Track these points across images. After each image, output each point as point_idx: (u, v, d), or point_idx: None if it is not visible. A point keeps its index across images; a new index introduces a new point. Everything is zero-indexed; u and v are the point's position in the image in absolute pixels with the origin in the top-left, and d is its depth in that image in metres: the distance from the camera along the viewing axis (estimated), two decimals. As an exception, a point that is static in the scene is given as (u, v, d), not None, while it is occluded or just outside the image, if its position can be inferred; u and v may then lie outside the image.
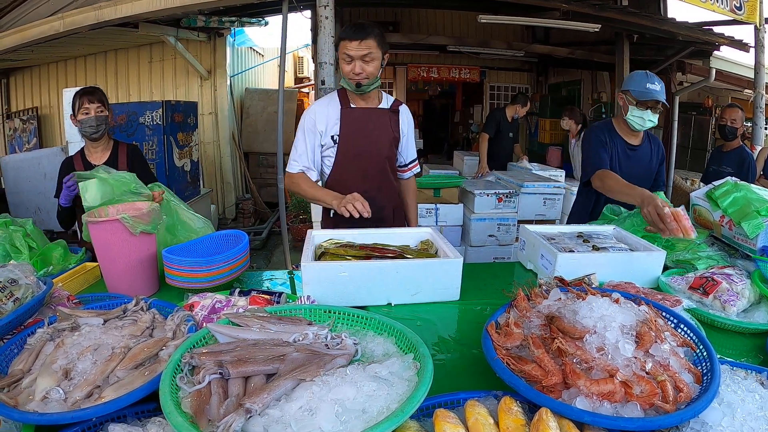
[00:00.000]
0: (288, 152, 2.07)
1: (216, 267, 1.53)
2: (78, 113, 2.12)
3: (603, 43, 6.10)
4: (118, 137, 2.35)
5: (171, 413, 0.76)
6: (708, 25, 5.10)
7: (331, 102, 1.91)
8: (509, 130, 5.13)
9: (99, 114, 2.13)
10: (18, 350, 1.06)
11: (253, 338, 1.01)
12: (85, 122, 2.11)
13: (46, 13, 4.51)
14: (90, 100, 2.12)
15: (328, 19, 2.83)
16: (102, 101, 2.16)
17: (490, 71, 8.55)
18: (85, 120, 2.11)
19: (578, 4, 4.31)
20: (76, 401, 0.87)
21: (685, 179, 6.21)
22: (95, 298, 1.43)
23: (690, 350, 1.03)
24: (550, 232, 1.92)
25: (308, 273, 1.40)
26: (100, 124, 2.14)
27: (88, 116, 2.11)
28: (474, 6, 5.47)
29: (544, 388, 0.89)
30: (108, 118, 2.18)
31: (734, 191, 1.70)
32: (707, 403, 0.84)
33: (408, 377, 0.89)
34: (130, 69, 6.23)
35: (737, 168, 3.42)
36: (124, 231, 1.50)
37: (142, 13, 4.15)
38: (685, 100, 6.59)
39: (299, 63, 12.19)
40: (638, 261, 1.63)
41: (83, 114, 2.11)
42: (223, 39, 6.24)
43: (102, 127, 2.15)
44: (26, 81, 6.54)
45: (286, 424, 0.76)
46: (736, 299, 1.40)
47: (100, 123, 2.14)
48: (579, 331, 0.99)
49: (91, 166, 2.21)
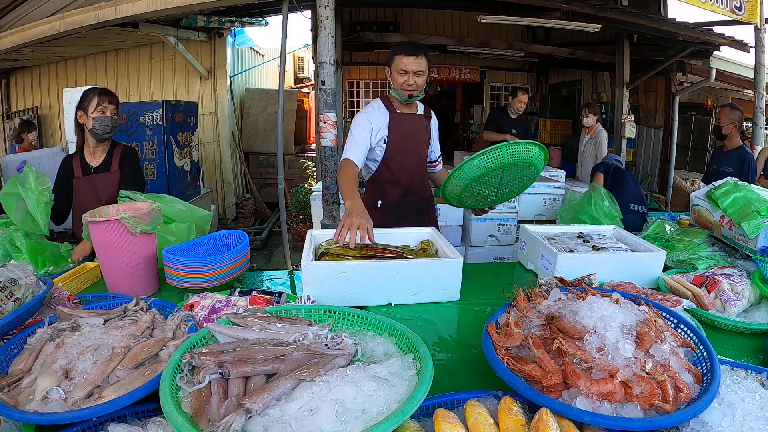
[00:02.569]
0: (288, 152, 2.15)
1: (216, 267, 1.53)
2: (93, 110, 2.09)
3: (603, 43, 6.09)
4: (118, 137, 2.35)
5: (171, 413, 0.76)
6: (708, 25, 5.09)
7: (380, 107, 2.17)
8: (513, 127, 5.08)
9: (114, 116, 2.14)
10: (18, 350, 1.06)
11: (253, 338, 1.01)
12: (100, 120, 2.10)
13: (47, 12, 4.51)
14: (110, 101, 2.13)
15: (329, 19, 2.83)
16: (117, 105, 2.17)
17: (490, 71, 8.54)
18: (101, 118, 2.10)
19: (578, 4, 4.31)
20: (77, 401, 0.87)
21: (685, 179, 6.21)
22: (95, 298, 1.43)
23: (690, 350, 1.03)
24: (550, 233, 1.92)
25: (308, 273, 1.40)
26: (114, 126, 2.15)
27: (104, 115, 2.10)
28: (474, 6, 5.47)
29: (544, 388, 0.89)
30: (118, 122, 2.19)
31: (734, 191, 1.70)
32: (707, 404, 0.84)
33: (408, 377, 0.89)
34: (130, 69, 6.23)
35: (737, 168, 3.41)
36: (124, 231, 1.50)
37: (142, 13, 4.15)
38: (685, 100, 6.58)
39: (299, 63, 12.20)
40: (638, 261, 1.63)
41: (100, 112, 2.09)
42: (224, 39, 6.24)
43: (115, 128, 2.16)
44: (26, 81, 6.54)
45: (286, 424, 0.76)
46: (737, 299, 1.40)
47: (114, 124, 2.15)
48: (579, 332, 0.99)
49: (89, 166, 2.21)
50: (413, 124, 2.20)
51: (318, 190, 3.37)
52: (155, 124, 4.90)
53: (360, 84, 8.10)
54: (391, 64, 2.06)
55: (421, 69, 2.01)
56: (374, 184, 2.23)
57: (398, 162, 2.18)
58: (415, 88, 2.05)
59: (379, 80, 8.06)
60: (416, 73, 2.01)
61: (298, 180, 6.98)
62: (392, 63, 2.05)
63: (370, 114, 2.14)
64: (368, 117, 2.12)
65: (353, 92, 8.13)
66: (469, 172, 1.70)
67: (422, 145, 2.24)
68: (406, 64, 1.99)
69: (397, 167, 2.19)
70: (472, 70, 8.33)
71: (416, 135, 2.20)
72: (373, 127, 2.10)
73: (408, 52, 1.99)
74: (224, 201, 6.76)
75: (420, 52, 2.00)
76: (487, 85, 8.67)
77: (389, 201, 2.22)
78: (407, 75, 2.01)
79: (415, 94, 2.07)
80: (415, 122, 2.21)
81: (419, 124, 2.22)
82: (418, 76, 2.02)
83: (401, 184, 2.21)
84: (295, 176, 7.15)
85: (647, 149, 6.74)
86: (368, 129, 2.10)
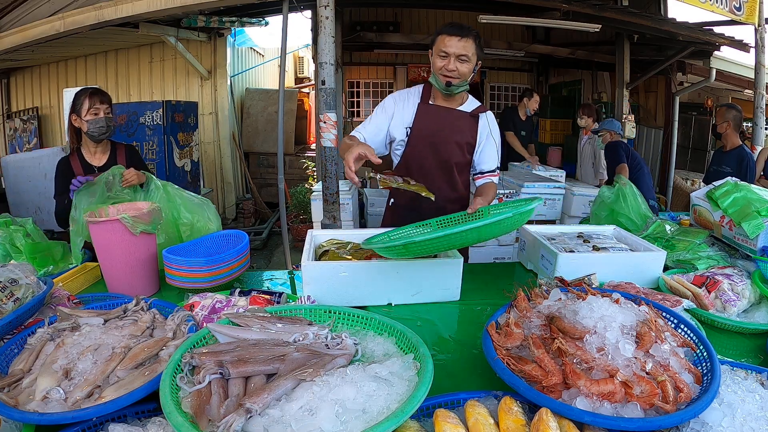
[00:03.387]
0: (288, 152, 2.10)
1: (216, 267, 1.53)
2: (87, 113, 2.08)
3: (603, 43, 6.10)
4: (118, 137, 2.34)
5: (171, 413, 0.76)
6: (708, 25, 5.09)
7: (414, 93, 1.89)
8: (522, 128, 5.12)
9: (107, 115, 2.11)
10: (18, 350, 1.06)
11: (253, 338, 1.01)
12: (94, 122, 2.08)
13: (47, 12, 4.51)
14: (101, 101, 2.09)
15: (329, 19, 2.83)
16: (110, 103, 2.14)
17: (490, 71, 8.54)
18: (95, 120, 2.08)
19: (578, 4, 4.31)
20: (77, 401, 0.87)
21: (685, 179, 6.21)
22: (95, 298, 1.43)
23: (690, 350, 1.03)
24: (550, 233, 1.92)
25: (308, 273, 1.40)
26: (109, 126, 2.13)
27: (98, 117, 2.08)
28: (474, 6, 5.48)
29: (545, 388, 0.89)
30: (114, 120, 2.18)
31: (734, 191, 1.70)
32: (707, 404, 0.84)
33: (408, 377, 0.89)
34: (130, 69, 6.23)
35: (737, 168, 3.42)
36: (124, 231, 1.50)
37: (142, 13, 4.15)
38: (685, 100, 6.58)
39: (299, 63, 12.21)
40: (638, 261, 1.63)
41: (92, 114, 2.07)
42: (224, 39, 6.24)
43: (111, 129, 2.14)
44: (27, 81, 6.54)
45: (286, 424, 0.76)
46: (737, 299, 1.40)
47: (109, 125, 2.12)
48: (579, 332, 0.99)
49: (91, 166, 2.21)
50: (446, 120, 1.86)
51: (318, 190, 3.37)
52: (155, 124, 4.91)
53: (360, 84, 8.11)
54: (433, 45, 1.78)
55: (465, 53, 1.71)
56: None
57: (416, 160, 1.88)
58: (457, 75, 1.74)
59: (380, 80, 8.07)
60: (459, 57, 1.72)
61: (298, 180, 6.99)
62: (434, 44, 1.77)
63: (399, 96, 1.90)
64: (395, 98, 1.89)
65: (353, 92, 8.14)
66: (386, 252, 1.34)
67: (453, 147, 1.88)
68: (448, 45, 1.71)
69: (415, 166, 1.88)
70: (473, 70, 8.32)
71: (446, 133, 1.86)
72: (395, 110, 1.86)
73: (451, 32, 1.71)
74: (224, 201, 6.76)
75: (467, 34, 1.72)
76: (487, 85, 8.67)
77: (400, 202, 1.99)
78: (448, 58, 1.73)
79: (455, 82, 1.76)
80: (450, 118, 1.87)
81: (456, 121, 1.87)
82: (462, 61, 1.73)
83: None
84: (295, 176, 7.16)
85: (647, 149, 6.75)
86: (389, 110, 1.86)
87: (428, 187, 1.70)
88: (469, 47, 1.72)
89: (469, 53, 1.72)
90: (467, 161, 1.94)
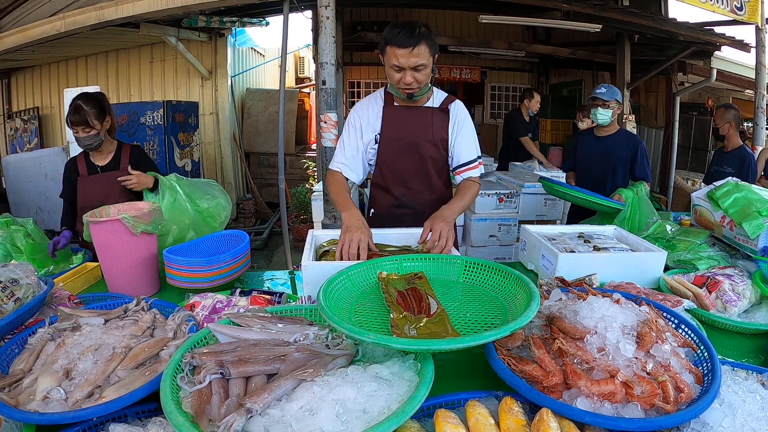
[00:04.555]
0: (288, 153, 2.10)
1: (217, 267, 1.53)
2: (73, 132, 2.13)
3: (604, 43, 6.09)
4: (119, 137, 2.35)
5: (172, 413, 0.76)
6: (709, 25, 5.08)
7: (376, 99, 1.83)
8: (528, 130, 5.12)
9: (87, 135, 2.11)
10: (19, 350, 1.06)
11: (254, 338, 1.01)
12: (78, 140, 2.14)
13: (48, 13, 4.51)
14: (78, 122, 2.07)
15: (329, 19, 2.83)
16: (87, 121, 2.08)
17: (491, 71, 8.55)
18: (78, 139, 2.13)
19: (579, 4, 4.31)
20: (77, 401, 0.87)
21: (686, 179, 6.20)
22: (96, 298, 1.43)
23: (691, 351, 1.03)
24: (551, 233, 1.92)
25: (309, 273, 1.40)
26: (91, 142, 2.14)
27: (79, 136, 2.12)
28: (475, 6, 5.47)
29: (545, 388, 0.89)
30: (100, 133, 2.13)
31: (735, 192, 1.70)
32: (708, 404, 0.84)
33: (409, 377, 0.89)
34: (131, 69, 6.23)
35: (738, 168, 3.41)
36: (124, 231, 1.51)
37: (143, 13, 4.15)
38: (686, 100, 6.58)
39: (300, 63, 12.21)
40: (639, 261, 1.62)
41: (74, 134, 2.13)
42: (224, 39, 6.24)
43: (95, 142, 2.15)
44: (27, 81, 6.54)
45: (286, 424, 0.76)
46: (738, 300, 1.40)
47: (91, 141, 2.14)
48: (580, 332, 0.99)
49: (95, 167, 2.23)
50: (412, 119, 1.79)
51: (319, 190, 3.37)
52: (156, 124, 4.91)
53: (361, 84, 8.12)
54: (383, 53, 1.64)
55: (420, 63, 1.59)
56: (371, 188, 1.96)
57: (389, 166, 1.83)
58: (416, 86, 1.65)
59: (380, 80, 8.08)
60: (415, 69, 1.61)
61: (298, 180, 6.99)
62: (385, 54, 1.63)
63: (361, 107, 1.83)
64: (357, 111, 1.83)
65: (354, 92, 8.15)
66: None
67: (427, 146, 1.81)
68: (401, 59, 1.58)
69: (389, 172, 1.83)
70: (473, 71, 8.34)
71: (417, 133, 1.80)
72: (361, 122, 1.80)
73: (400, 43, 1.56)
74: (225, 201, 6.75)
75: (418, 41, 1.56)
76: (488, 85, 8.69)
77: (380, 211, 1.92)
78: (403, 72, 1.62)
79: (416, 92, 1.69)
80: (417, 117, 1.80)
81: (423, 119, 1.79)
82: (418, 71, 1.61)
83: (392, 194, 1.86)
84: (295, 176, 7.16)
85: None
86: (356, 125, 1.81)
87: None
88: (423, 54, 1.59)
89: (424, 60, 1.60)
90: (444, 158, 1.86)
